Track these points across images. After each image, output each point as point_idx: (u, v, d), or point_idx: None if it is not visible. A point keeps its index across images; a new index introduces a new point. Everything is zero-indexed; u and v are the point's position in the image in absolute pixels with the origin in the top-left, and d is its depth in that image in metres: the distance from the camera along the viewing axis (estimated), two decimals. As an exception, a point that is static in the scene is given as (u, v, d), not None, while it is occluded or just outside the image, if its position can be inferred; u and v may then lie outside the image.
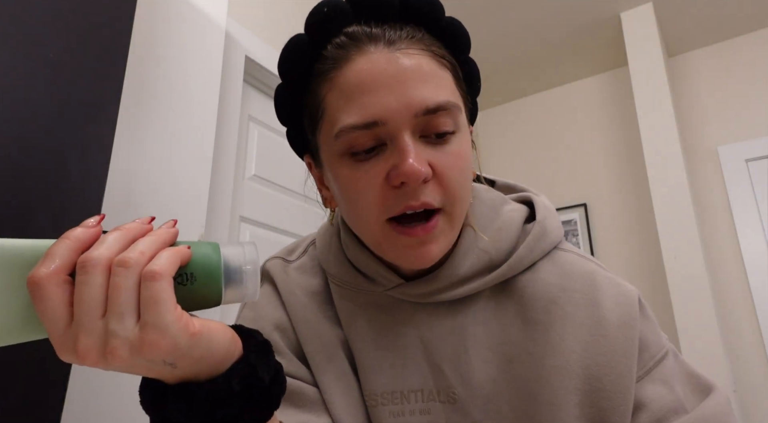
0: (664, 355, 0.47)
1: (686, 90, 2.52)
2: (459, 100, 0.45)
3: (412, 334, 0.51)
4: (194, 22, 1.26)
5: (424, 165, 0.41)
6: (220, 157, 1.37)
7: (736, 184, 2.28)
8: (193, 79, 1.23)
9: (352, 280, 0.53)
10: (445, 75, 0.44)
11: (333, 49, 0.45)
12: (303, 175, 0.56)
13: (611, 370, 0.45)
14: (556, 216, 0.54)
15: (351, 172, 0.44)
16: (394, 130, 0.42)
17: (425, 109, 0.42)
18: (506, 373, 0.48)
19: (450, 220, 0.45)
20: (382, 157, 0.42)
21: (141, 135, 1.10)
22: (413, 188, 0.41)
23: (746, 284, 2.17)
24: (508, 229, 0.51)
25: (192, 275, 0.32)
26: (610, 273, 0.52)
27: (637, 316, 0.47)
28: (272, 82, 1.67)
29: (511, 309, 0.50)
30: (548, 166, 2.77)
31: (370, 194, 0.43)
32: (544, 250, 0.51)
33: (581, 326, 0.47)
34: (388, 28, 0.44)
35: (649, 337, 0.48)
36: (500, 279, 0.50)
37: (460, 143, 0.44)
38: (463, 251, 0.50)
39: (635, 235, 2.44)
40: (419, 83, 0.42)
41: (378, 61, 0.42)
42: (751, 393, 2.05)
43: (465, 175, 0.45)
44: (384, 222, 0.44)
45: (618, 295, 0.49)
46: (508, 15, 2.31)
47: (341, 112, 0.43)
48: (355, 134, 0.42)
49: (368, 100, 0.42)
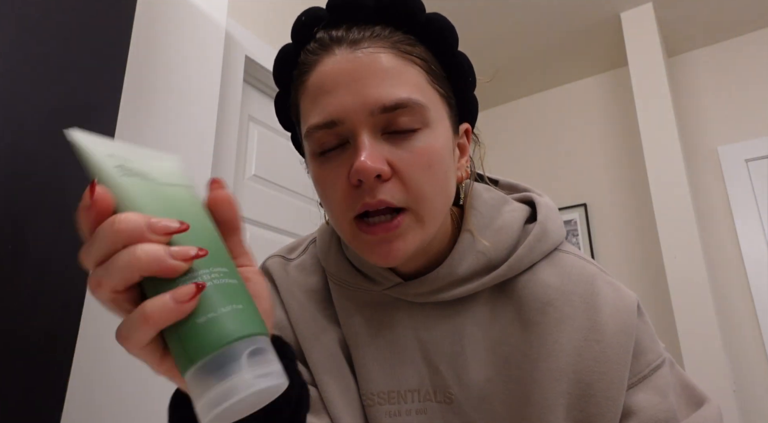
0: (660, 364, 0.47)
1: (686, 90, 2.52)
2: (428, 96, 0.44)
3: (410, 334, 0.51)
4: (194, 22, 1.26)
5: (379, 162, 0.41)
6: (220, 157, 1.37)
7: (736, 184, 2.28)
8: (193, 79, 1.23)
9: (351, 278, 0.53)
10: (411, 71, 0.44)
11: (305, 55, 0.46)
12: (303, 175, 0.56)
13: (602, 377, 0.45)
14: (559, 217, 0.54)
15: (320, 170, 0.45)
16: (352, 128, 0.42)
17: (381, 107, 0.41)
18: (502, 374, 0.48)
19: (418, 218, 0.44)
20: (345, 155, 0.43)
21: (141, 135, 1.10)
22: (369, 186, 0.41)
23: (746, 284, 2.17)
24: (509, 229, 0.50)
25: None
26: (611, 277, 0.51)
27: (635, 323, 0.47)
28: (272, 82, 1.67)
29: (509, 310, 0.49)
30: (548, 166, 2.77)
31: (336, 192, 0.44)
32: (544, 251, 0.51)
33: (577, 330, 0.47)
34: (355, 29, 0.44)
35: (645, 345, 0.47)
36: (499, 280, 0.49)
37: (427, 140, 0.43)
38: (462, 251, 0.50)
39: (635, 235, 2.44)
40: (377, 80, 0.42)
41: (339, 62, 0.43)
42: (751, 393, 2.05)
43: (432, 173, 0.43)
44: (351, 220, 0.44)
45: (616, 300, 0.48)
46: (508, 15, 2.31)
47: (308, 114, 0.44)
48: (318, 134, 0.43)
49: (328, 100, 0.42)
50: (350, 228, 0.44)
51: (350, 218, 0.44)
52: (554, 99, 2.86)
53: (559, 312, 0.48)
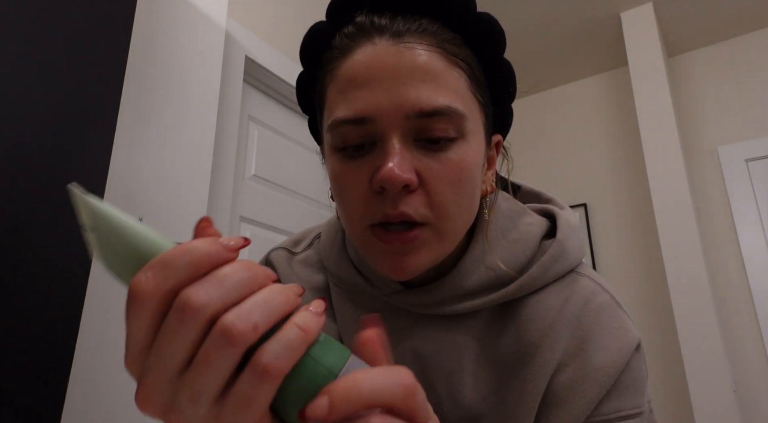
0: (633, 415, 0.44)
1: (686, 90, 2.52)
2: (468, 105, 0.41)
3: (408, 346, 0.48)
4: (194, 22, 1.26)
5: (408, 172, 0.38)
6: (220, 157, 1.37)
7: (736, 184, 2.28)
8: (193, 79, 1.23)
9: (351, 280, 0.50)
10: (455, 75, 0.40)
11: (340, 39, 0.42)
12: (303, 175, 0.56)
13: (563, 405, 0.44)
14: (579, 234, 0.50)
15: (340, 168, 0.41)
16: (383, 129, 0.39)
17: (419, 112, 0.38)
18: (496, 394, 0.46)
19: (437, 234, 0.40)
20: (369, 157, 0.40)
21: (141, 135, 1.10)
22: (393, 196, 0.38)
23: (746, 284, 2.17)
24: (524, 244, 0.47)
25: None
26: (623, 311, 0.48)
27: (622, 364, 0.44)
28: (272, 82, 1.67)
29: (511, 329, 0.47)
30: (548, 166, 2.77)
31: (355, 195, 0.40)
32: (558, 273, 0.47)
33: (563, 352, 0.45)
34: (400, 19, 0.40)
35: (625, 390, 0.44)
36: (507, 298, 0.46)
37: (460, 152, 0.40)
38: (471, 263, 0.46)
39: (635, 235, 2.44)
40: (418, 82, 0.38)
41: (378, 54, 0.39)
42: (751, 393, 2.05)
43: (461, 189, 0.40)
44: (366, 227, 0.41)
45: (615, 336, 0.45)
46: (507, 15, 2.31)
47: (335, 105, 0.41)
48: (344, 129, 0.40)
49: (361, 94, 0.39)
50: (364, 234, 0.41)
51: (365, 225, 0.41)
52: (554, 99, 2.86)
53: (555, 333, 0.45)
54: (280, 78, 1.65)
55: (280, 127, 1.72)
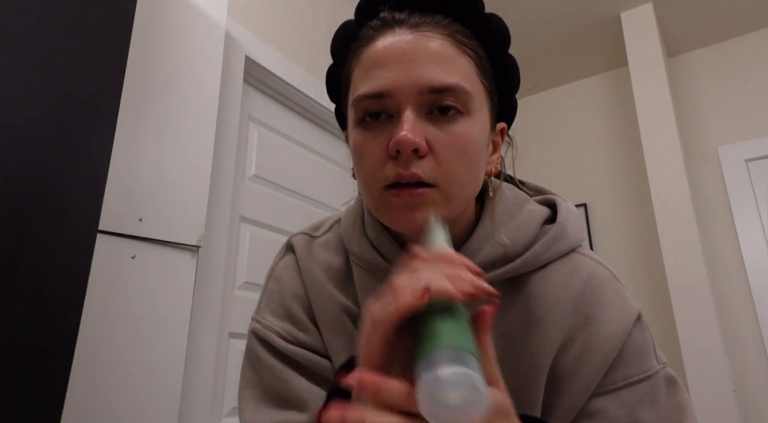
0: (642, 379, 0.47)
1: (686, 90, 2.52)
2: (474, 87, 0.46)
3: None
4: (194, 22, 1.26)
5: (419, 137, 0.43)
6: (220, 157, 1.37)
7: (736, 184, 2.28)
8: (193, 79, 1.23)
9: (371, 259, 0.54)
10: (463, 61, 0.46)
11: (366, 31, 0.49)
12: (303, 176, 0.56)
13: (573, 376, 0.48)
14: (579, 220, 0.55)
15: (361, 138, 0.47)
16: (399, 103, 0.44)
17: (430, 88, 0.44)
18: (503, 364, 0.49)
19: (444, 196, 0.45)
20: (387, 128, 0.45)
21: (141, 135, 1.10)
22: (405, 159, 0.43)
23: (746, 284, 2.17)
24: (527, 226, 0.52)
25: None
26: (622, 286, 0.52)
27: (625, 334, 0.48)
28: (272, 83, 1.67)
29: (518, 304, 0.51)
30: (548, 166, 2.77)
31: (373, 161, 0.46)
32: (560, 251, 0.52)
33: (569, 326, 0.49)
34: (417, 14, 0.47)
35: (630, 358, 0.48)
36: (513, 273, 0.50)
37: (465, 126, 0.45)
38: (480, 239, 0.51)
39: (635, 235, 2.44)
40: (431, 64, 0.44)
41: (397, 40, 0.46)
42: (751, 393, 2.05)
43: (466, 159, 0.45)
44: (382, 188, 0.45)
45: (616, 308, 0.49)
46: (507, 15, 2.31)
47: (359, 83, 0.47)
48: (365, 103, 0.45)
49: (382, 73, 0.45)
50: (379, 194, 0.46)
51: (381, 186, 0.45)
52: (554, 99, 2.86)
53: (561, 308, 0.49)
54: (280, 78, 1.65)
55: (280, 127, 1.72)
